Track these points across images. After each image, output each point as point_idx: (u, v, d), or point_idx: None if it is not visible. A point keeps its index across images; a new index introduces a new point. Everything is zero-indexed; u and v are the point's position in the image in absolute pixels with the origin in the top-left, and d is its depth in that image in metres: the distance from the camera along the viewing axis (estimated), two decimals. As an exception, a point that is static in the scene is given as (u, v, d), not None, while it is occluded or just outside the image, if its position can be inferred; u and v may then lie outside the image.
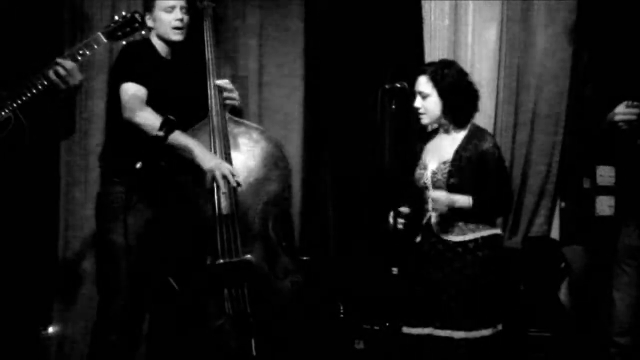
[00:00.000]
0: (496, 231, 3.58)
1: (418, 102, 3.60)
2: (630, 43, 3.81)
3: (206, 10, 4.00)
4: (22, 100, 3.24)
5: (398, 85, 3.61)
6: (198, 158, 3.72)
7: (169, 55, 3.92)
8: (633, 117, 3.55)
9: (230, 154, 3.86)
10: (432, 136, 3.71)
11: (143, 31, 3.61)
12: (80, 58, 3.32)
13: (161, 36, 3.87)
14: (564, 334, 4.16)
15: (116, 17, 3.47)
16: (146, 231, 3.73)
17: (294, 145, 4.65)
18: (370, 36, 4.73)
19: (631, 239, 3.67)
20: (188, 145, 3.72)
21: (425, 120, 3.62)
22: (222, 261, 3.76)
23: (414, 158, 3.72)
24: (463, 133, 3.58)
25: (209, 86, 3.90)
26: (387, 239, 3.75)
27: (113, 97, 3.82)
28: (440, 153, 3.60)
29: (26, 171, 3.50)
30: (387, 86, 3.61)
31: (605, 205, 3.66)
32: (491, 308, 3.46)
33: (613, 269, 3.73)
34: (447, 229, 3.53)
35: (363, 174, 4.60)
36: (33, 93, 3.25)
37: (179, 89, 3.83)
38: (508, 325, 3.54)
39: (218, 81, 3.91)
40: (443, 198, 3.48)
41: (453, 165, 3.52)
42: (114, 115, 3.83)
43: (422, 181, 3.61)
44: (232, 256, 3.77)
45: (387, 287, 4.05)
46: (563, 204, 4.54)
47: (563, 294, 4.45)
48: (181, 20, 3.84)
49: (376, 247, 4.31)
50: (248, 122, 4.07)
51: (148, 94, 3.72)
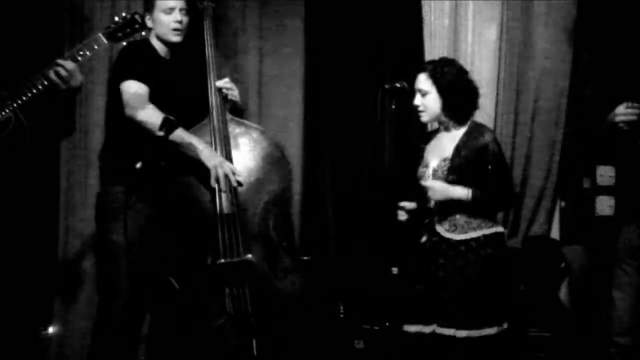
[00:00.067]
0: (498, 229, 3.56)
1: (417, 100, 3.60)
2: (630, 43, 3.80)
3: (206, 10, 4.01)
4: (23, 100, 3.24)
5: (398, 85, 3.63)
6: (202, 155, 3.72)
7: (169, 55, 3.92)
8: (633, 118, 3.55)
9: (231, 154, 3.87)
10: (434, 135, 3.71)
11: (143, 32, 3.61)
12: (80, 59, 3.32)
13: (160, 37, 3.87)
14: (564, 334, 4.15)
15: (116, 18, 3.47)
16: (146, 231, 3.73)
17: (294, 145, 4.65)
18: (370, 36, 4.74)
19: (631, 239, 3.67)
20: (192, 142, 3.72)
21: (424, 117, 3.62)
22: (223, 261, 3.76)
23: (415, 157, 3.72)
24: (463, 130, 3.58)
25: (210, 86, 3.91)
26: (389, 237, 3.76)
27: (113, 97, 3.81)
28: (440, 151, 3.60)
29: (26, 171, 3.50)
30: (387, 86, 3.63)
31: (605, 205, 3.65)
32: (494, 307, 3.45)
33: (613, 269, 3.73)
34: (445, 219, 3.52)
35: (363, 174, 4.61)
36: (33, 93, 3.25)
37: (179, 89, 3.83)
38: (508, 325, 3.53)
39: (218, 82, 3.92)
40: (437, 186, 3.48)
41: (452, 161, 3.52)
42: (114, 114, 3.83)
43: (424, 178, 3.61)
44: (234, 256, 3.78)
45: (387, 287, 4.06)
46: (563, 204, 4.54)
47: (563, 294, 4.45)
48: (180, 22, 3.84)
49: (376, 247, 4.32)
50: (248, 122, 4.08)
51: (149, 94, 3.72)
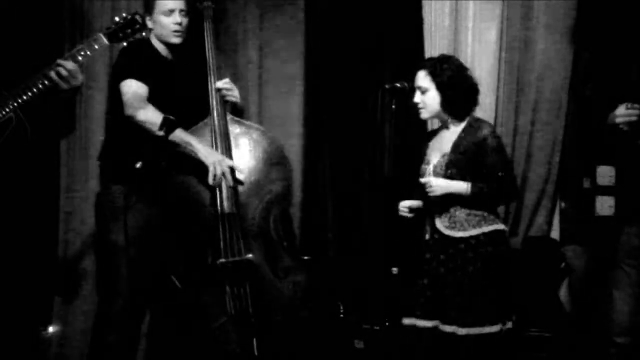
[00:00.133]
0: (499, 227, 3.55)
1: (417, 97, 3.60)
2: (630, 43, 3.80)
3: (206, 10, 4.01)
4: (24, 100, 3.25)
5: (398, 85, 3.63)
6: (200, 153, 3.73)
7: (170, 55, 3.92)
8: (634, 119, 3.55)
9: (231, 154, 3.87)
10: (436, 133, 3.72)
11: (144, 33, 3.61)
12: (81, 59, 3.32)
13: (161, 38, 3.88)
14: (564, 334, 4.15)
15: (117, 19, 3.47)
16: (146, 231, 3.73)
17: (294, 145, 4.64)
18: (370, 36, 4.74)
19: (631, 239, 3.67)
20: (191, 141, 3.72)
21: (424, 115, 3.63)
22: (224, 260, 3.76)
23: (416, 157, 3.72)
24: (462, 125, 3.58)
25: (210, 86, 3.91)
26: (389, 237, 3.76)
27: (113, 96, 3.82)
28: (440, 147, 3.61)
29: (27, 171, 3.51)
30: (387, 86, 3.63)
31: (605, 205, 3.65)
32: (495, 305, 3.44)
33: (613, 269, 3.73)
34: (444, 214, 3.53)
35: (363, 174, 4.61)
36: (34, 93, 3.25)
37: (180, 89, 3.83)
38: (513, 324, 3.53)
39: (218, 82, 3.92)
40: (435, 182, 3.49)
41: (451, 156, 3.53)
42: (114, 114, 3.84)
43: (425, 175, 3.62)
44: (234, 255, 3.78)
45: (387, 287, 4.06)
46: (563, 204, 4.54)
47: (563, 294, 4.45)
48: (180, 23, 3.85)
49: (376, 247, 4.31)
50: (249, 122, 4.08)
51: (149, 94, 3.72)
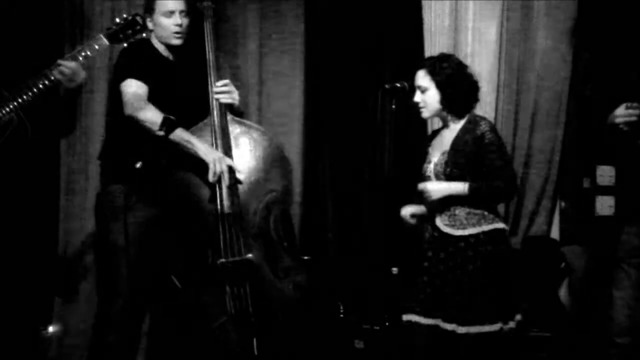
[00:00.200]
0: (498, 225, 3.53)
1: (417, 97, 3.60)
2: (630, 43, 3.80)
3: (207, 11, 4.00)
4: (24, 100, 3.25)
5: (398, 85, 3.62)
6: (200, 151, 3.73)
7: (170, 56, 3.92)
8: (633, 119, 3.55)
9: (231, 154, 3.87)
10: (438, 132, 3.72)
11: (144, 34, 3.62)
12: (81, 59, 3.33)
13: (161, 39, 3.88)
14: (564, 334, 4.15)
15: (117, 19, 3.48)
16: (146, 231, 3.73)
17: (294, 145, 4.65)
18: (370, 36, 4.74)
19: (631, 239, 3.67)
20: (191, 140, 3.73)
21: (425, 114, 3.63)
22: (224, 260, 3.76)
23: (416, 157, 3.72)
24: (461, 123, 3.58)
25: (210, 86, 3.91)
26: (389, 237, 3.76)
27: (114, 96, 3.82)
28: (441, 145, 3.61)
29: (27, 171, 3.51)
30: (387, 86, 3.62)
31: (605, 205, 3.64)
32: (495, 304, 3.43)
33: (613, 269, 3.72)
34: (444, 212, 3.52)
35: (363, 174, 4.61)
36: (35, 93, 3.26)
37: (181, 89, 3.83)
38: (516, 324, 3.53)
39: (217, 83, 3.92)
40: (432, 187, 3.50)
41: (450, 154, 3.53)
42: (115, 113, 3.84)
43: (426, 174, 3.62)
44: (234, 255, 3.78)
45: (387, 287, 4.06)
46: (563, 204, 4.54)
47: (563, 294, 4.45)
48: (180, 25, 3.85)
49: (376, 247, 4.32)
50: (249, 122, 4.08)
51: (150, 94, 3.72)
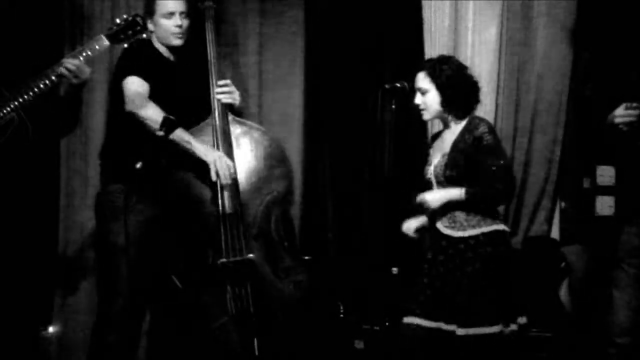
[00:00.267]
0: (499, 227, 3.53)
1: (418, 99, 3.60)
2: (630, 43, 3.80)
3: (207, 11, 4.02)
4: (25, 100, 3.26)
5: (398, 85, 3.62)
6: (198, 150, 3.74)
7: (171, 56, 3.93)
8: (633, 119, 3.55)
9: (232, 154, 3.87)
10: (440, 134, 3.72)
11: (144, 34, 3.62)
12: (82, 59, 3.34)
13: (162, 40, 3.88)
14: (564, 334, 4.15)
15: (117, 20, 3.48)
16: (146, 231, 3.73)
17: (294, 145, 4.64)
18: (370, 36, 4.73)
19: (631, 239, 3.67)
20: (190, 140, 3.73)
21: (426, 116, 3.63)
22: (225, 260, 3.76)
23: (416, 157, 3.72)
24: (462, 125, 3.57)
25: (212, 86, 3.91)
26: (389, 237, 3.76)
27: (115, 95, 3.82)
28: (442, 147, 3.61)
29: (27, 171, 3.51)
30: (387, 86, 3.63)
31: (605, 205, 3.64)
32: (495, 306, 3.42)
33: (613, 269, 3.72)
34: (444, 216, 3.52)
35: (363, 174, 4.61)
36: (35, 92, 3.27)
37: (181, 89, 3.84)
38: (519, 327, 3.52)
39: (219, 83, 3.92)
40: (429, 197, 3.50)
41: (450, 156, 3.53)
42: (116, 112, 3.84)
43: (427, 176, 3.62)
44: (236, 255, 3.78)
45: (387, 287, 4.06)
46: (563, 204, 4.53)
47: (563, 294, 4.45)
48: (180, 26, 3.85)
49: (376, 247, 4.31)
50: (250, 123, 4.09)
51: (150, 94, 3.73)
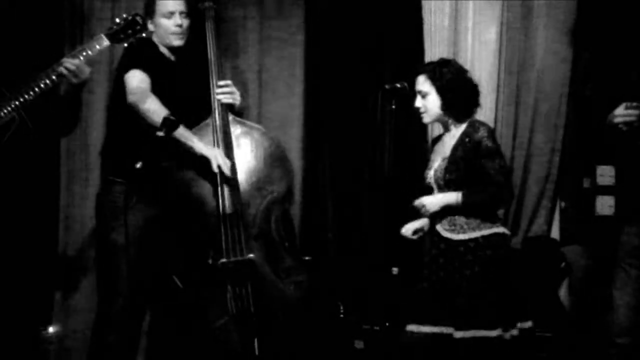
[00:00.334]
0: (498, 230, 3.53)
1: (418, 102, 3.60)
2: (630, 43, 3.81)
3: (207, 11, 4.02)
4: (26, 100, 3.26)
5: (398, 85, 3.62)
6: (198, 147, 3.73)
7: (171, 56, 3.93)
8: (633, 119, 3.55)
9: (233, 154, 3.87)
10: (440, 138, 3.72)
11: (144, 34, 3.62)
12: (82, 59, 3.34)
13: (162, 41, 3.88)
14: (564, 334, 4.16)
15: (117, 19, 3.48)
16: (147, 231, 3.73)
17: (294, 145, 4.64)
18: (370, 36, 4.73)
19: (631, 239, 3.67)
20: (190, 138, 3.74)
21: (426, 119, 3.63)
22: (226, 260, 3.77)
23: (416, 157, 3.72)
24: (462, 128, 3.58)
25: (212, 86, 3.92)
26: (389, 237, 3.76)
27: (117, 91, 3.82)
28: (442, 151, 3.62)
29: (28, 170, 3.51)
30: (387, 86, 3.62)
31: (605, 205, 3.65)
32: (494, 309, 3.41)
33: (613, 269, 3.72)
34: (444, 218, 3.52)
35: (363, 174, 4.60)
36: (36, 92, 3.27)
37: (182, 89, 3.84)
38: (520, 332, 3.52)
39: (220, 83, 3.92)
40: (427, 202, 3.51)
41: (449, 160, 3.53)
42: (116, 112, 3.84)
43: (427, 180, 3.63)
44: (236, 255, 3.78)
45: (387, 287, 4.06)
46: (563, 204, 4.54)
47: (563, 294, 4.45)
48: (180, 26, 3.86)
49: (376, 247, 4.31)
50: (250, 123, 4.09)
51: (152, 93, 3.72)
